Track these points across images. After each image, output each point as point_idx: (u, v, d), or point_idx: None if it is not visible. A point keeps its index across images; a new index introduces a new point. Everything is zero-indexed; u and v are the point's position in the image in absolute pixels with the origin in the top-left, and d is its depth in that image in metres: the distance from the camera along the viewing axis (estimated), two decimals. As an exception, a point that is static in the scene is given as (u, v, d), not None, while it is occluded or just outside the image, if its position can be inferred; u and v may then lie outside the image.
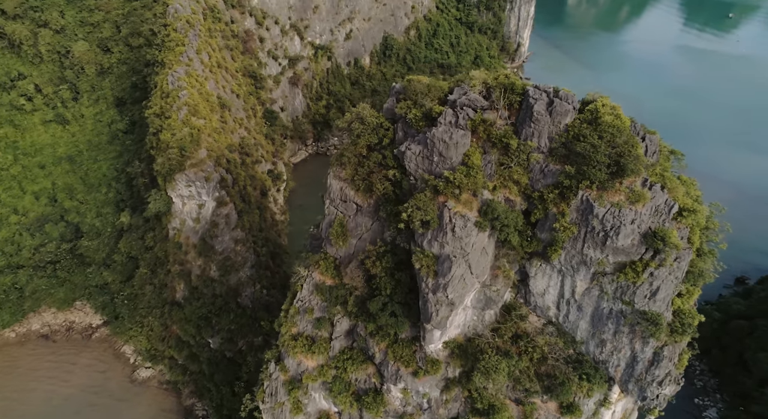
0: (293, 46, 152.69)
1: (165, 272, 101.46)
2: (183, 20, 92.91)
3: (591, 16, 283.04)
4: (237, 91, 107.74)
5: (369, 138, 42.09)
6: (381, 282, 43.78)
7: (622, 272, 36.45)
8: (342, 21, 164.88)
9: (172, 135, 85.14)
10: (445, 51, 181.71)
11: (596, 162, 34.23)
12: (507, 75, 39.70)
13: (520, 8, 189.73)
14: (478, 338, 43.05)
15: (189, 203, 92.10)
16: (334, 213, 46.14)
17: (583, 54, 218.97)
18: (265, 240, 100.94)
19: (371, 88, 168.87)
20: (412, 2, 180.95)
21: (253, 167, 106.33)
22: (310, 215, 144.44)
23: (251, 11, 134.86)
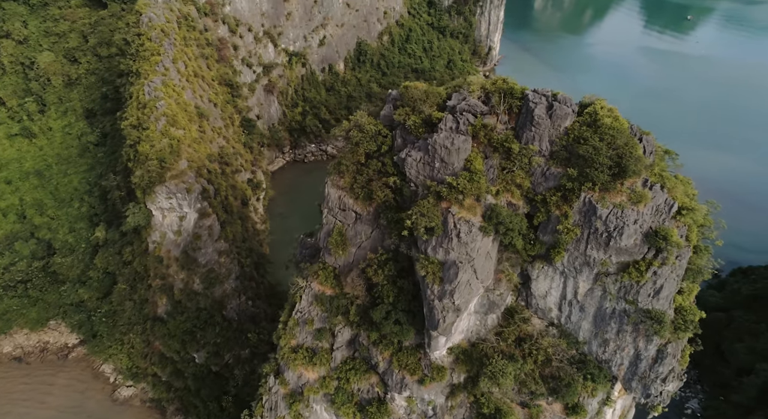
0: (267, 54, 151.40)
1: (146, 287, 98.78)
2: (157, 29, 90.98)
3: (556, 19, 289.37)
4: (214, 100, 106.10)
5: (368, 146, 41.86)
6: (383, 290, 43.51)
7: (626, 272, 37.10)
8: (315, 27, 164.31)
9: (150, 146, 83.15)
10: (419, 56, 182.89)
11: (598, 164, 34.83)
12: (505, 79, 40.12)
13: (490, 13, 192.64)
14: (481, 342, 43.17)
15: (169, 215, 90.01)
16: (333, 222, 45.68)
17: (551, 56, 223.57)
18: (248, 251, 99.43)
19: (347, 94, 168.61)
20: (384, 8, 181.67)
21: (233, 177, 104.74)
22: (291, 223, 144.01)
23: (224, 19, 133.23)
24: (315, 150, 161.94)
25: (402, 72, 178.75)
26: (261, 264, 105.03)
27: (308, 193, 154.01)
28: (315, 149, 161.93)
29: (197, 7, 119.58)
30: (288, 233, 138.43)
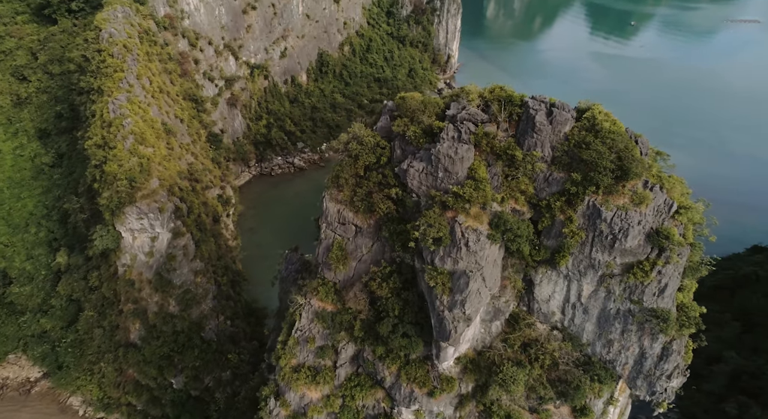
0: (229, 67, 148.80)
1: (116, 313, 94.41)
2: (119, 45, 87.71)
3: (508, 27, 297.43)
4: (180, 115, 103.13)
5: (367, 158, 41.44)
6: (388, 303, 42.96)
7: (631, 273, 37.95)
8: (276, 39, 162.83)
9: (119, 166, 79.85)
10: (380, 65, 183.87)
11: (602, 168, 35.64)
12: (502, 87, 40.62)
13: (448, 22, 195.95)
14: (488, 350, 43.21)
15: (140, 236, 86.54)
16: (332, 237, 44.88)
17: (507, 63, 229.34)
18: (224, 269, 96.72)
19: (311, 106, 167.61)
20: (344, 18, 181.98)
21: (204, 194, 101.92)
22: (261, 238, 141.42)
23: (184, 32, 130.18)
24: (282, 163, 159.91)
25: (365, 82, 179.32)
26: (237, 282, 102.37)
27: (277, 206, 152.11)
28: (281, 162, 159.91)
29: (156, 21, 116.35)
30: (260, 249, 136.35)
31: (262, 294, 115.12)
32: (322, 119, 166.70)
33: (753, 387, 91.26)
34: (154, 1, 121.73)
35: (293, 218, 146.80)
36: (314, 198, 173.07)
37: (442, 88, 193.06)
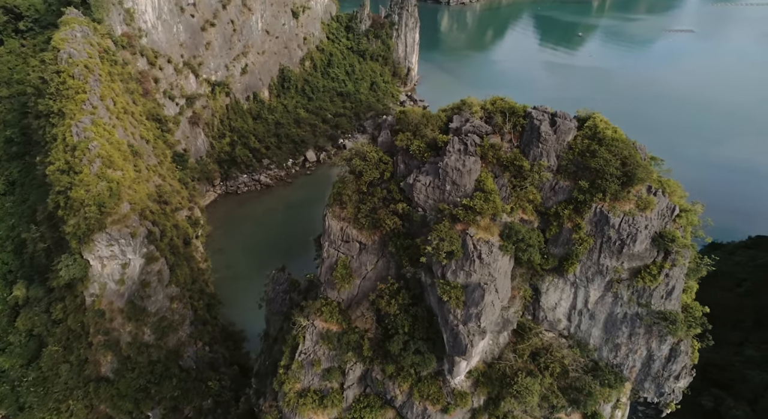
0: (189, 85, 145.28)
1: (85, 346, 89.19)
2: (80, 65, 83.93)
3: (462, 39, 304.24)
4: (146, 136, 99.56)
5: (371, 174, 40.87)
6: (397, 320, 42.20)
7: (639, 277, 38.69)
8: (236, 56, 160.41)
9: (86, 191, 76.00)
10: (342, 79, 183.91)
11: (609, 175, 36.39)
12: (503, 98, 41.04)
13: (406, 35, 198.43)
14: (498, 362, 43.07)
15: (110, 264, 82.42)
16: (335, 255, 43.87)
17: (465, 74, 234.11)
18: (200, 293, 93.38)
19: (274, 121, 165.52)
20: (304, 34, 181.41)
21: (174, 216, 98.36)
22: (232, 259, 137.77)
23: (142, 51, 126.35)
24: (247, 180, 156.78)
25: (327, 96, 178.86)
26: (212, 306, 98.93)
27: (245, 225, 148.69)
28: (247, 180, 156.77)
29: (114, 40, 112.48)
30: (230, 270, 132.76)
31: (237, 317, 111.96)
32: (287, 134, 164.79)
33: (725, 379, 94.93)
34: (110, 19, 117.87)
35: (263, 237, 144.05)
36: (283, 215, 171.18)
37: (404, 101, 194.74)
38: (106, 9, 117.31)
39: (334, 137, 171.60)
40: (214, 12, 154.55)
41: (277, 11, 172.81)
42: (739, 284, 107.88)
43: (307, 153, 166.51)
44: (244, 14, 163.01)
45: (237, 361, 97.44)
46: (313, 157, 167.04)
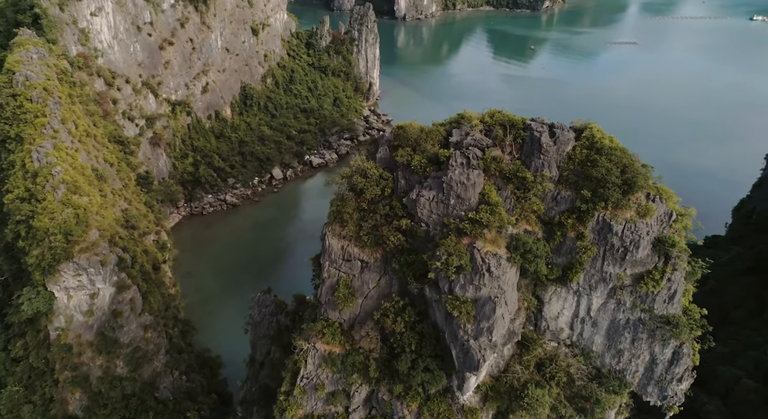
0: (149, 105, 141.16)
1: (50, 384, 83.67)
2: (38, 88, 79.94)
3: (419, 54, 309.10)
4: (109, 159, 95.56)
5: (373, 191, 40.25)
6: (403, 338, 41.41)
7: (643, 282, 39.41)
8: (196, 74, 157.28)
9: (50, 220, 71.92)
10: (305, 95, 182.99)
11: (611, 183, 37.11)
12: (500, 111, 41.39)
13: (367, 51, 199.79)
14: (504, 375, 42.84)
15: (77, 294, 78.01)
16: (336, 275, 42.79)
17: (425, 87, 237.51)
18: (174, 320, 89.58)
19: (238, 140, 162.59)
20: (264, 51, 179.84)
21: (142, 241, 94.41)
22: (201, 282, 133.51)
23: (99, 71, 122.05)
24: (213, 201, 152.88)
25: (291, 113, 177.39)
26: (186, 332, 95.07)
27: (213, 247, 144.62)
28: (213, 200, 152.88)
29: (69, 61, 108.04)
30: (200, 294, 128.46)
31: (211, 342, 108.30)
32: (252, 152, 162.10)
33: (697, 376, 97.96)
34: (64, 40, 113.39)
35: (231, 258, 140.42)
36: (252, 235, 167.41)
37: (368, 116, 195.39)
38: (60, 29, 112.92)
39: (299, 154, 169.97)
40: (172, 31, 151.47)
41: (236, 29, 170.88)
42: (704, 283, 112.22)
43: (273, 171, 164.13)
44: (203, 32, 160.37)
45: (215, 389, 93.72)
46: (280, 174, 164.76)
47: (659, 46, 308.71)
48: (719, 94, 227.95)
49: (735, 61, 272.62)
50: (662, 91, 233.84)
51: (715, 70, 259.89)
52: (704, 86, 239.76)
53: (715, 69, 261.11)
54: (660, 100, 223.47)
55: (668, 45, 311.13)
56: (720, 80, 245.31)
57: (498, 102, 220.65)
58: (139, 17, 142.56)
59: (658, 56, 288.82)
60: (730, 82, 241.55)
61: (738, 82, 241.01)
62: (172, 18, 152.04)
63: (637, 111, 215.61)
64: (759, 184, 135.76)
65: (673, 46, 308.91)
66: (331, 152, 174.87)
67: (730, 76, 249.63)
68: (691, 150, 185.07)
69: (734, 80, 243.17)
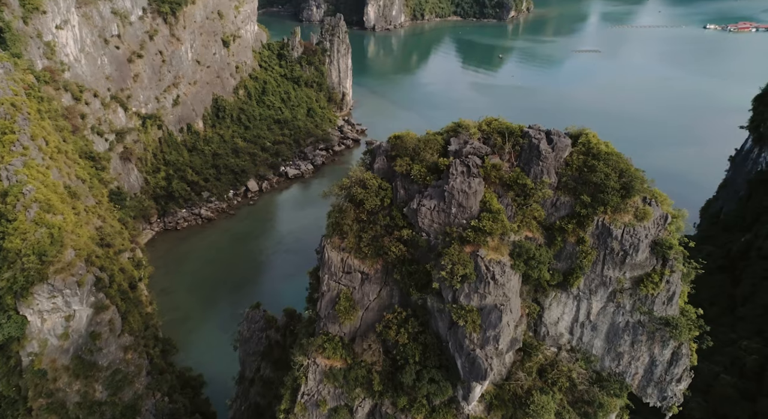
0: (118, 119, 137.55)
1: (22, 413, 79.60)
2: (6, 104, 76.91)
3: (389, 64, 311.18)
4: (82, 176, 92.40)
5: (373, 202, 39.77)
6: (407, 350, 40.84)
7: (642, 285, 39.89)
8: (167, 87, 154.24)
9: (22, 240, 68.95)
10: (278, 107, 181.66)
11: (610, 188, 37.59)
12: (497, 119, 41.59)
13: (339, 61, 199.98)
14: (507, 382, 42.66)
15: (52, 317, 74.83)
16: (336, 288, 42.01)
17: (397, 97, 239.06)
18: (154, 339, 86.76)
19: (211, 153, 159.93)
20: (236, 63, 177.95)
21: (118, 259, 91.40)
22: (178, 299, 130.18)
23: (66, 86, 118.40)
24: (187, 215, 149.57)
25: (265, 124, 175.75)
26: (167, 352, 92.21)
27: (188, 263, 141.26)
28: (187, 214, 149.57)
29: (36, 75, 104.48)
30: (178, 311, 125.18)
31: (191, 361, 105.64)
32: (226, 165, 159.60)
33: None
34: (29, 53, 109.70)
35: (208, 273, 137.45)
36: (229, 249, 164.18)
37: (342, 126, 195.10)
38: (24, 43, 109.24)
39: (275, 165, 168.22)
40: (140, 43, 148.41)
41: (207, 41, 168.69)
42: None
43: (249, 183, 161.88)
44: (173, 44, 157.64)
45: (198, 409, 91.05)
46: (255, 186, 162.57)
47: (621, 54, 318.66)
48: (680, 99, 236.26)
49: (692, 68, 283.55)
50: (626, 97, 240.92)
51: (675, 76, 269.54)
52: (665, 92, 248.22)
53: (674, 75, 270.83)
54: (625, 106, 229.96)
55: (629, 53, 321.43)
56: (679, 86, 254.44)
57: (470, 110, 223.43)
58: (107, 30, 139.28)
59: (621, 63, 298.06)
60: (688, 88, 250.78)
61: (696, 87, 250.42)
62: (140, 30, 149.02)
63: (603, 116, 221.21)
64: (724, 185, 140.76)
65: (634, 53, 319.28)
66: (307, 162, 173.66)
67: (688, 82, 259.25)
68: (657, 153, 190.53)
69: (692, 85, 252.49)
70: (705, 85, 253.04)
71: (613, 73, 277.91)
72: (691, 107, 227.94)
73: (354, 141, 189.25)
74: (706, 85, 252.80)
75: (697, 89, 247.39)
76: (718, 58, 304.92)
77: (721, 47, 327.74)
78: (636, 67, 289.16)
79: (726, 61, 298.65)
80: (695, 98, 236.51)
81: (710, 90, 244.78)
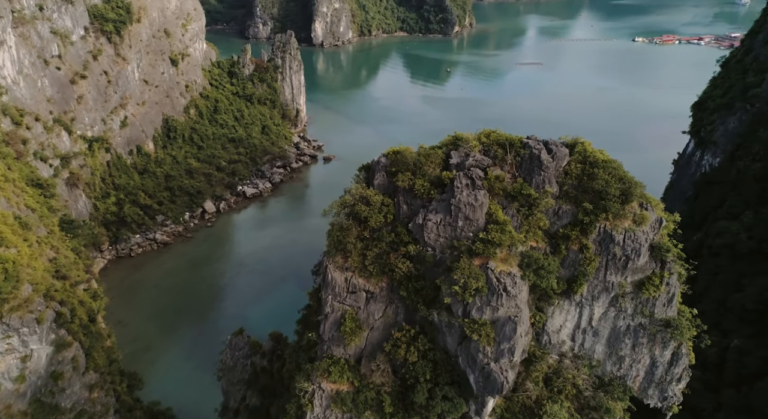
0: (62, 143, 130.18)
1: (-25, 467, 72.49)
2: (-55, 128, 71.03)
3: (340, 79, 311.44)
4: (31, 205, 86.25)
5: (377, 219, 38.80)
6: (417, 368, 39.83)
7: (644, 289, 40.70)
8: (114, 108, 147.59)
9: (-28, 277, 63.27)
10: (231, 125, 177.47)
11: (611, 195, 38.35)
12: (495, 131, 41.75)
13: (291, 78, 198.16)
14: (515, 394, 42.33)
15: (6, 359, 68.66)
16: (341, 309, 40.54)
17: (350, 111, 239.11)
18: (120, 374, 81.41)
19: (164, 174, 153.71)
20: (185, 81, 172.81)
21: (75, 291, 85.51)
22: (136, 331, 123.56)
23: (5, 110, 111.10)
24: (141, 241, 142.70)
25: (219, 143, 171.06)
26: (133, 386, 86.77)
27: (145, 291, 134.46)
28: (141, 240, 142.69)
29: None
30: (137, 343, 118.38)
31: (157, 394, 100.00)
32: (180, 186, 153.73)
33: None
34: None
35: (167, 301, 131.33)
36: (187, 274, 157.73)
37: (298, 142, 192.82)
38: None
39: (232, 185, 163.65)
40: (83, 63, 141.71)
41: (154, 60, 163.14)
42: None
43: (205, 204, 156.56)
44: (119, 64, 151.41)
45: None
46: (212, 208, 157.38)
47: (561, 66, 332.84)
48: (617, 107, 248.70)
49: (626, 77, 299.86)
50: (569, 107, 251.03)
51: (611, 85, 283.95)
52: (603, 100, 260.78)
53: (610, 85, 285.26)
54: (568, 115, 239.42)
55: (569, 65, 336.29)
56: (616, 95, 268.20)
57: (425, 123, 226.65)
58: (46, 50, 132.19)
59: (562, 75, 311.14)
60: (625, 96, 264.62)
61: (632, 96, 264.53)
62: (83, 50, 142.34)
63: (549, 125, 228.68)
64: (670, 186, 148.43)
65: (573, 65, 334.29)
66: (265, 181, 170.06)
67: (624, 91, 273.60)
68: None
69: (628, 95, 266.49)
70: (640, 93, 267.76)
71: (555, 84, 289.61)
72: (629, 114, 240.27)
73: (311, 157, 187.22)
74: (641, 93, 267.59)
75: (633, 98, 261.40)
76: (649, 68, 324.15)
77: (650, 58, 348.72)
78: (575, 78, 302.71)
79: (655, 70, 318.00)
80: (632, 106, 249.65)
81: (645, 98, 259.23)
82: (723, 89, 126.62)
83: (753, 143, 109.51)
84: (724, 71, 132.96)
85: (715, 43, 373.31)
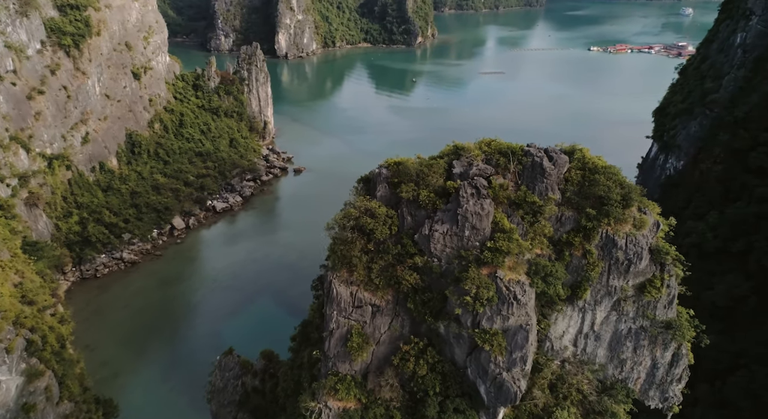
0: (20, 162, 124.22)
1: None
2: None
3: (306, 91, 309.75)
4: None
5: (383, 231, 38.03)
6: (426, 381, 39.05)
7: (646, 291, 41.23)
8: (74, 124, 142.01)
9: (-66, 307, 59.13)
10: (198, 139, 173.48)
11: (613, 200, 38.80)
12: (495, 140, 41.73)
13: (258, 90, 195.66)
14: (522, 402, 41.97)
15: (-28, 393, 64.38)
16: (346, 324, 39.43)
17: (317, 122, 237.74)
18: (96, 402, 77.42)
19: (129, 191, 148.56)
20: (149, 95, 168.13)
21: (43, 317, 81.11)
22: (105, 355, 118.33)
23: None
24: (107, 261, 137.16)
25: (185, 158, 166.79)
26: (109, 414, 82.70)
27: (113, 313, 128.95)
28: (107, 260, 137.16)
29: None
30: (107, 367, 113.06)
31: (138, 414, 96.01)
32: (147, 203, 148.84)
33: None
34: None
35: (137, 322, 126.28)
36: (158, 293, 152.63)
37: (267, 154, 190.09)
38: None
39: (201, 200, 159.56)
40: (41, 78, 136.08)
41: (115, 74, 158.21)
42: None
43: (174, 220, 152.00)
44: (78, 78, 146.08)
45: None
46: (181, 224, 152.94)
47: (522, 75, 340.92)
48: (578, 113, 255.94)
49: (585, 85, 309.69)
50: (531, 114, 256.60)
51: (570, 93, 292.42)
52: (564, 107, 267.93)
53: (570, 92, 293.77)
54: (530, 122, 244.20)
55: (529, 73, 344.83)
56: (575, 101, 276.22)
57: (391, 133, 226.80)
58: (0, 65, 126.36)
59: (523, 83, 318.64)
60: (584, 103, 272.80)
61: (591, 103, 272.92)
62: (39, 65, 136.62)
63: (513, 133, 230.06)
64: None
65: (533, 74, 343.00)
66: (235, 194, 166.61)
67: (583, 98, 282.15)
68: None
69: (587, 103, 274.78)
70: (600, 100, 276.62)
71: (518, 93, 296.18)
72: (591, 120, 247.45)
73: (282, 169, 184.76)
74: (601, 100, 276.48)
75: (594, 105, 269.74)
76: (606, 76, 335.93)
77: (606, 66, 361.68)
78: (537, 86, 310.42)
79: (612, 78, 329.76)
80: (593, 113, 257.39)
81: (605, 105, 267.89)
82: (683, 95, 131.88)
83: (714, 145, 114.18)
84: (682, 78, 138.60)
85: (665, 51, 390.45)
